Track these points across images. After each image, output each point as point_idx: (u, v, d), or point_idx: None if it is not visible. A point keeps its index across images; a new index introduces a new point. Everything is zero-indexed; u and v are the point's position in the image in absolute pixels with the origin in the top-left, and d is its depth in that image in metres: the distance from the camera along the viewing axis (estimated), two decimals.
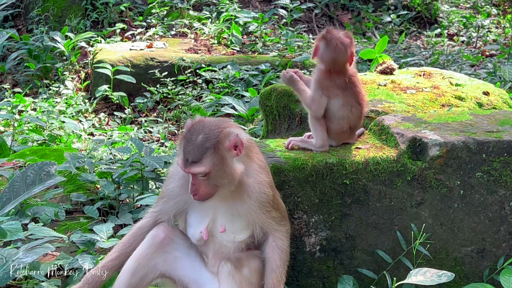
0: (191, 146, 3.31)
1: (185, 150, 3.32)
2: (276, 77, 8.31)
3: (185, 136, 3.36)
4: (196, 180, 3.36)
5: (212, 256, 3.59)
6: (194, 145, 3.31)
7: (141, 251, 3.54)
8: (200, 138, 3.31)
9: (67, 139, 7.35)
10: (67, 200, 5.15)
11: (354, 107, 3.98)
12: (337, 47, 3.92)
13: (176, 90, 8.48)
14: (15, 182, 3.41)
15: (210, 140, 3.31)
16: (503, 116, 4.32)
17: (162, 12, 10.58)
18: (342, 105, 3.95)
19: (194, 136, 3.33)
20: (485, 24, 11.42)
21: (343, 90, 3.95)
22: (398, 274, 3.89)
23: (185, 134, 3.37)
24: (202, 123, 3.38)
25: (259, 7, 11.30)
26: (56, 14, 10.85)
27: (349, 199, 3.92)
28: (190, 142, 3.32)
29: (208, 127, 3.36)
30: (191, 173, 3.34)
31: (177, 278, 3.60)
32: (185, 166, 3.32)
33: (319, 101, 3.95)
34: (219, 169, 3.34)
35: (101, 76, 8.76)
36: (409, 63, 8.88)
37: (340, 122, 3.96)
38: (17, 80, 9.52)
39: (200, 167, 3.30)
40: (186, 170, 3.32)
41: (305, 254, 3.95)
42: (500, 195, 3.95)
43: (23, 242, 4.12)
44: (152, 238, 3.57)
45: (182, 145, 3.35)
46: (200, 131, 3.34)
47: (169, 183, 3.63)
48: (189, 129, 3.37)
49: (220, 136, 3.33)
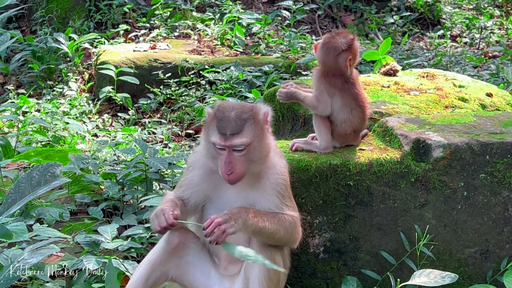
0: (226, 121, 3.28)
1: (221, 125, 3.28)
2: (279, 78, 8.31)
3: (216, 115, 3.33)
4: (232, 156, 3.29)
5: (225, 257, 3.53)
6: (230, 119, 3.28)
7: (155, 256, 3.51)
8: (234, 113, 3.30)
9: (71, 140, 7.36)
10: (72, 201, 5.16)
11: (354, 109, 3.97)
12: (327, 51, 3.94)
13: (179, 91, 8.49)
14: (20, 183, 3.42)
15: (246, 113, 3.31)
16: (507, 118, 4.33)
17: (166, 14, 10.59)
18: (341, 106, 3.95)
19: (226, 113, 3.31)
20: (488, 26, 11.41)
21: (341, 90, 3.95)
22: (401, 275, 3.90)
23: (215, 113, 3.34)
24: (229, 103, 3.38)
25: (262, 9, 11.31)
26: (59, 16, 10.87)
27: (353, 200, 3.93)
28: (225, 118, 3.29)
29: (238, 104, 3.37)
30: (232, 146, 3.27)
31: (188, 282, 3.57)
32: (225, 140, 3.27)
33: (323, 99, 3.95)
34: (259, 139, 3.32)
35: (104, 77, 8.77)
36: (412, 64, 8.88)
37: (343, 125, 3.97)
38: (21, 81, 9.53)
39: (242, 137, 3.27)
40: (227, 143, 3.27)
41: (309, 255, 3.96)
42: (504, 196, 3.95)
43: (28, 243, 4.14)
44: (167, 243, 3.52)
45: (215, 123, 3.31)
46: (231, 108, 3.33)
47: (188, 172, 3.57)
48: (218, 108, 3.35)
49: (255, 109, 3.35)
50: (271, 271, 3.39)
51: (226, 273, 3.57)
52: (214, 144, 3.32)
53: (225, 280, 3.54)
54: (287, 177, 3.53)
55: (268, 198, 3.45)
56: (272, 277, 3.42)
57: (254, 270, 3.40)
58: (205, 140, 3.41)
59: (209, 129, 3.36)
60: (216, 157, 3.36)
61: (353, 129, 4.00)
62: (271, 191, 3.45)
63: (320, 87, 3.96)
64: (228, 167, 3.29)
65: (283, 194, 3.48)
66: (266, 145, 3.38)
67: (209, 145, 3.37)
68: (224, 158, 3.30)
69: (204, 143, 3.43)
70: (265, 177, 3.45)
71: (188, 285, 3.58)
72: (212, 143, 3.34)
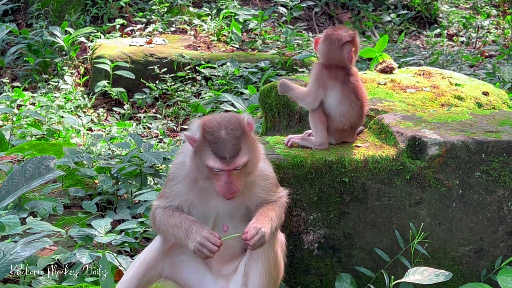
0: (222, 143, 3.20)
1: (217, 149, 3.19)
2: (275, 74, 8.30)
3: (207, 138, 3.22)
4: (232, 176, 3.24)
5: (216, 259, 3.44)
6: (225, 140, 3.20)
7: (150, 255, 3.49)
8: (224, 132, 3.21)
9: (66, 134, 7.35)
10: (65, 195, 5.15)
11: (354, 102, 3.95)
12: (332, 44, 3.93)
13: (175, 86, 8.48)
14: (14, 175, 3.41)
15: (237, 130, 3.23)
16: (503, 116, 4.33)
17: (163, 9, 10.57)
18: (340, 98, 3.93)
19: (217, 134, 3.21)
20: (484, 25, 11.41)
21: (342, 83, 3.94)
22: (396, 272, 3.90)
23: (204, 136, 3.23)
24: (212, 121, 3.27)
25: (259, 5, 11.29)
26: (55, 9, 10.83)
27: (348, 197, 3.93)
28: (219, 140, 3.20)
29: (223, 120, 3.26)
30: (234, 169, 3.22)
31: (182, 281, 3.55)
32: (227, 164, 3.19)
33: (314, 93, 3.94)
34: (253, 152, 3.28)
35: (100, 72, 8.75)
36: (408, 62, 8.88)
37: (341, 119, 3.95)
38: (16, 74, 9.50)
39: (242, 157, 3.22)
40: (230, 167, 3.20)
41: (303, 252, 3.96)
42: (499, 195, 3.95)
43: (21, 236, 4.12)
44: (161, 242, 3.50)
45: (208, 146, 3.21)
46: (218, 126, 3.24)
47: (173, 184, 3.47)
48: (205, 130, 3.24)
49: (242, 122, 3.27)
50: (271, 266, 3.40)
51: (220, 273, 3.56)
52: (212, 168, 3.24)
53: (220, 279, 3.53)
54: (273, 176, 3.53)
55: (258, 199, 3.46)
56: (272, 272, 3.42)
57: (254, 266, 3.40)
58: (197, 164, 3.28)
59: (201, 153, 3.25)
60: (210, 178, 3.28)
61: (351, 123, 3.98)
62: (260, 193, 3.46)
63: (316, 82, 3.95)
64: (229, 187, 3.24)
65: (271, 188, 3.49)
66: (259, 155, 3.35)
67: (203, 168, 3.27)
68: (224, 179, 3.24)
69: (194, 165, 3.29)
70: (253, 183, 3.43)
71: (183, 284, 3.57)
72: (209, 167, 3.24)
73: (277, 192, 3.53)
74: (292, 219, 3.90)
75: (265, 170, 3.48)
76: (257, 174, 3.41)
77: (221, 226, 3.45)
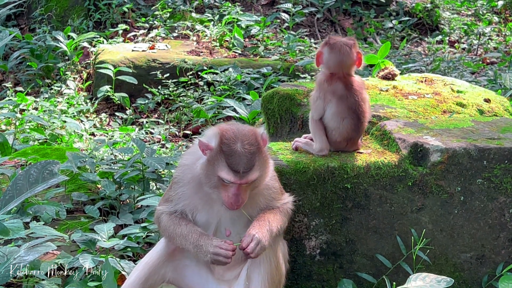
0: (237, 157, 3.20)
1: (232, 162, 3.20)
2: (277, 80, 8.32)
3: (222, 149, 3.23)
4: (240, 189, 3.26)
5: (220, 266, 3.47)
6: (241, 154, 3.21)
7: (153, 259, 3.52)
8: (240, 146, 3.22)
9: (69, 138, 7.36)
10: (68, 200, 5.16)
11: (346, 118, 3.92)
12: (342, 49, 3.94)
13: (177, 91, 8.49)
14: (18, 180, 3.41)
15: (253, 145, 3.24)
16: (504, 124, 4.34)
17: (165, 15, 10.60)
18: (333, 114, 3.93)
19: (233, 146, 3.22)
20: (486, 32, 11.44)
21: (339, 98, 3.92)
22: (397, 279, 3.91)
23: (220, 147, 3.23)
24: (229, 131, 3.27)
25: (262, 11, 11.32)
26: (58, 14, 10.87)
27: (350, 203, 3.94)
28: (234, 153, 3.21)
29: (240, 132, 3.26)
30: (246, 183, 3.24)
31: (185, 285, 3.57)
32: (240, 178, 3.21)
33: (317, 102, 3.96)
34: (265, 169, 3.31)
35: (103, 77, 8.77)
36: (410, 69, 8.90)
37: (333, 133, 3.95)
38: (19, 79, 9.53)
39: (255, 173, 3.24)
40: (243, 181, 3.22)
41: (305, 257, 3.97)
42: (500, 202, 3.96)
43: (24, 240, 4.13)
44: (164, 246, 3.53)
45: (223, 157, 3.21)
46: (235, 139, 3.24)
47: (177, 187, 3.49)
48: (222, 141, 3.24)
49: (257, 137, 3.28)
50: (274, 272, 3.41)
51: (223, 278, 3.57)
52: (223, 179, 3.25)
53: (222, 284, 3.54)
54: (277, 186, 3.55)
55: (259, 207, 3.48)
56: (275, 278, 3.43)
57: (256, 271, 3.41)
58: (208, 172, 3.28)
59: (214, 162, 3.25)
60: (218, 187, 3.30)
61: (343, 138, 3.97)
62: (262, 202, 3.48)
63: (318, 91, 3.96)
64: (236, 199, 3.26)
65: (274, 197, 3.51)
66: (269, 170, 3.38)
67: (213, 177, 3.28)
68: (233, 191, 3.26)
69: (205, 172, 3.30)
70: (257, 193, 3.44)
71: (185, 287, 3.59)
72: (221, 178, 3.25)
73: (281, 199, 3.55)
74: (295, 224, 3.91)
75: (269, 181, 3.48)
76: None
77: (224, 231, 3.48)
